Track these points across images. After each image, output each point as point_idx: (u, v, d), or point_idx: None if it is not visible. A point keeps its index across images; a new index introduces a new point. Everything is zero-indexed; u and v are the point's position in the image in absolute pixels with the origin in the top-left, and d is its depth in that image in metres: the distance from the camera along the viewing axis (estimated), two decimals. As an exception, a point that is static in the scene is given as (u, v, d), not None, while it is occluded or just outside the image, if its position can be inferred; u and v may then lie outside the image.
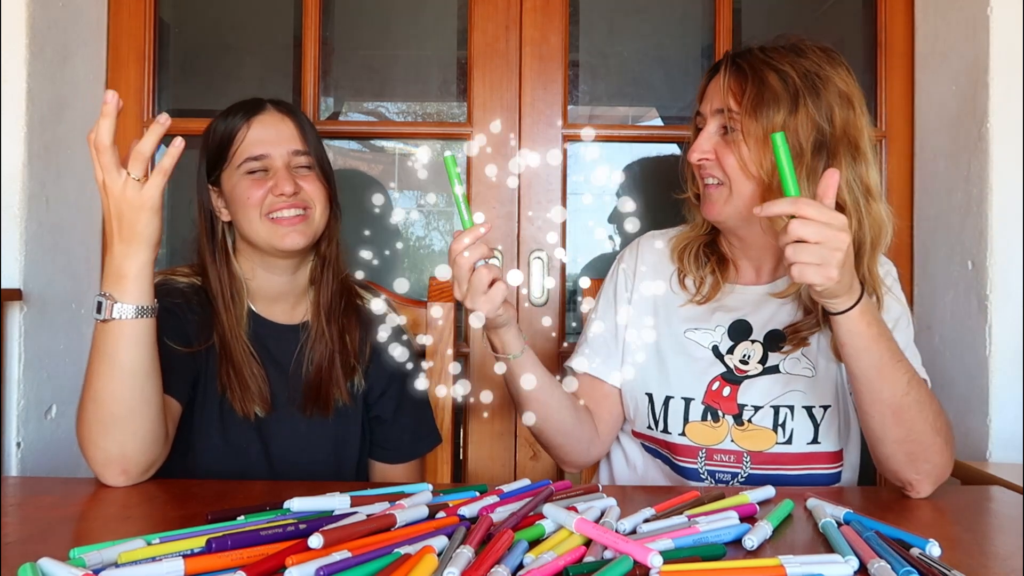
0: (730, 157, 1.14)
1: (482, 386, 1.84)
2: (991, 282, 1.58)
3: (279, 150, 1.20)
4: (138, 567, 0.68)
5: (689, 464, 1.19)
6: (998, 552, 0.82)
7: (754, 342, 1.21)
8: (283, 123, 1.22)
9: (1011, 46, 1.58)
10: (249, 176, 1.20)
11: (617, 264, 1.34)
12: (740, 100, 1.13)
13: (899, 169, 1.88)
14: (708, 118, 1.18)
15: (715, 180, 1.17)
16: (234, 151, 1.20)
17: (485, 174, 1.86)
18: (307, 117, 1.27)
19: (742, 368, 1.20)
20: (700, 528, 0.79)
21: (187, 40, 2.02)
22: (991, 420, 1.57)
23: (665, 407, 1.21)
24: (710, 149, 1.16)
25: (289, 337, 1.27)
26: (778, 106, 1.11)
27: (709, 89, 1.20)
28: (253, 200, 1.18)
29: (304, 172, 1.22)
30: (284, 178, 1.18)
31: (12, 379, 1.56)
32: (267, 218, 1.19)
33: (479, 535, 0.74)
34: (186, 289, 1.22)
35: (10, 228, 1.56)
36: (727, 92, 1.15)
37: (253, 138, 1.20)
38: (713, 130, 1.17)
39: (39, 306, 1.61)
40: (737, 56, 1.17)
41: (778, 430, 1.17)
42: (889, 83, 1.88)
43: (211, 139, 1.23)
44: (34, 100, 1.60)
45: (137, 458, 1.01)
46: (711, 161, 1.17)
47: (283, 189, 1.17)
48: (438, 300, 1.49)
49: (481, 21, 1.87)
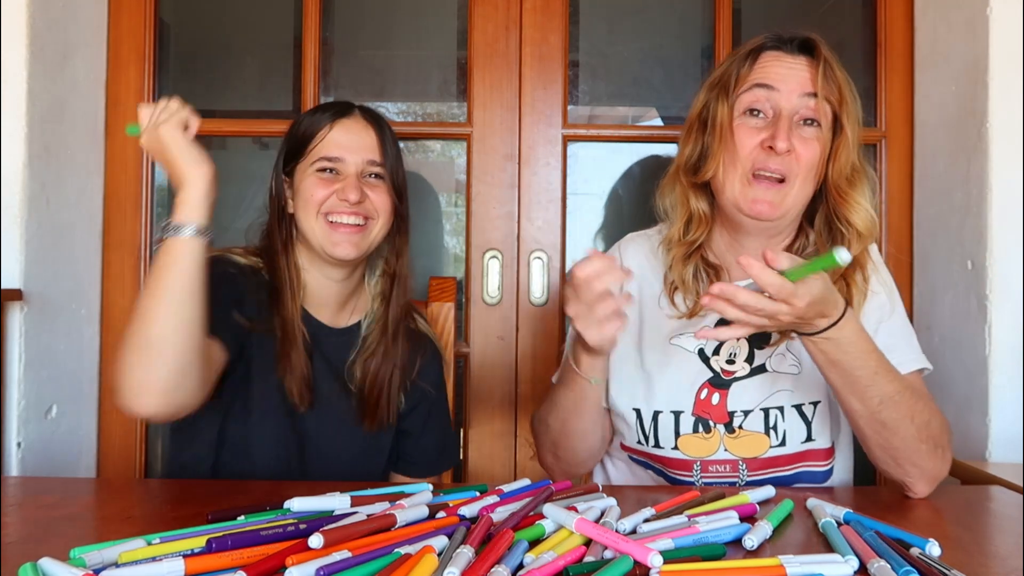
0: (810, 152, 1.07)
1: (482, 386, 1.84)
2: (991, 282, 1.58)
3: (355, 157, 1.20)
4: (138, 567, 0.68)
5: (685, 477, 1.16)
6: (998, 552, 0.82)
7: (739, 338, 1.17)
8: (366, 131, 1.22)
9: (1011, 46, 1.59)
10: (319, 174, 1.20)
11: None
12: (833, 95, 1.09)
13: (899, 169, 1.88)
14: (789, 99, 1.08)
15: (780, 176, 1.09)
16: (312, 148, 1.21)
17: (485, 174, 1.86)
18: (392, 131, 1.26)
19: (729, 370, 1.17)
20: (700, 528, 0.79)
21: (187, 40, 2.02)
22: (991, 420, 1.57)
23: (655, 422, 1.16)
24: (794, 142, 1.07)
25: (334, 339, 1.27)
26: (855, 107, 1.11)
27: (784, 66, 1.10)
28: (316, 198, 1.19)
29: (375, 182, 1.22)
30: (352, 185, 1.18)
31: (12, 379, 1.56)
32: (325, 219, 1.19)
33: (479, 535, 0.74)
34: (245, 267, 1.22)
35: (10, 228, 1.56)
36: (831, 83, 1.09)
37: (333, 140, 1.20)
38: (796, 114, 1.09)
39: (39, 306, 1.61)
40: (816, 45, 1.11)
41: (770, 433, 1.14)
42: (889, 83, 1.88)
43: (294, 132, 1.24)
44: (34, 100, 1.60)
45: (169, 388, 0.97)
46: (790, 156, 1.08)
47: (348, 195, 1.17)
48: (438, 300, 1.49)
49: (481, 21, 1.87)
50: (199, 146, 1.02)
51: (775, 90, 1.09)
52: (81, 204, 1.77)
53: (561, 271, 1.87)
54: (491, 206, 1.86)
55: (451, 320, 1.48)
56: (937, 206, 1.77)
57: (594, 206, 1.96)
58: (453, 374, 1.49)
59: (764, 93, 1.10)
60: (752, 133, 1.09)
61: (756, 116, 1.10)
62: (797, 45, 1.12)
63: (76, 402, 1.41)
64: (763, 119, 1.10)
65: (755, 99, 1.10)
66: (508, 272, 1.86)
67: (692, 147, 1.17)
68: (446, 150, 2.04)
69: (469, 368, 1.85)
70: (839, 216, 1.13)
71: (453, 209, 2.01)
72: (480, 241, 1.86)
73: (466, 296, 1.87)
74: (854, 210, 1.11)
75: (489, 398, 1.84)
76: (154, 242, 1.03)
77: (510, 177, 1.87)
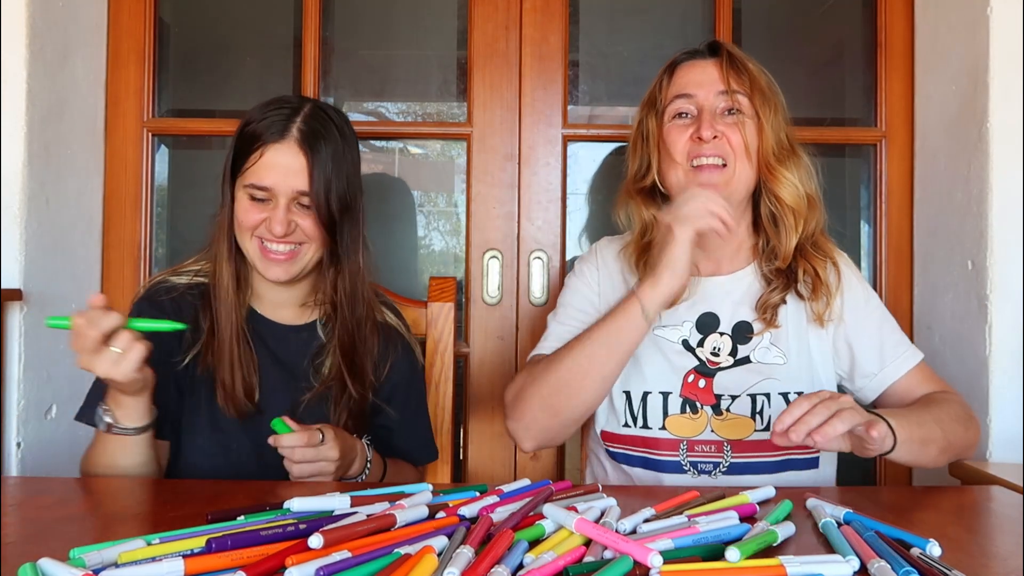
0: (737, 136, 1.21)
1: (482, 386, 1.84)
2: (991, 282, 1.58)
3: (284, 186, 1.17)
4: (138, 567, 0.68)
5: (671, 457, 1.22)
6: (998, 552, 0.82)
7: (723, 335, 1.25)
8: (296, 159, 1.17)
9: (1011, 46, 1.58)
10: (251, 199, 1.18)
11: (581, 265, 1.36)
12: (745, 86, 1.22)
13: (899, 169, 1.88)
14: (707, 99, 1.22)
15: (719, 160, 1.20)
16: (246, 168, 1.18)
17: (485, 174, 1.86)
18: (333, 148, 1.20)
19: (714, 360, 1.24)
20: (700, 528, 0.79)
21: (187, 40, 2.01)
22: (991, 420, 1.57)
23: (643, 403, 1.23)
24: (721, 128, 1.21)
25: (291, 338, 1.27)
26: (771, 96, 1.23)
27: (697, 73, 1.25)
28: (248, 223, 1.19)
29: (304, 211, 1.19)
30: (279, 218, 1.16)
31: (12, 379, 1.56)
32: (259, 242, 1.19)
33: (479, 535, 0.74)
34: (181, 288, 1.24)
35: (10, 228, 1.56)
36: (731, 76, 1.21)
37: (264, 166, 1.17)
38: (718, 110, 1.22)
39: (39, 306, 1.61)
40: (720, 46, 1.26)
41: (756, 418, 1.21)
42: (889, 83, 1.88)
43: (240, 138, 1.21)
44: (34, 100, 1.60)
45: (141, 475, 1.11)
46: (721, 141, 1.20)
47: (274, 227, 1.17)
48: (438, 300, 1.49)
49: (481, 21, 1.87)
50: (138, 357, 1.01)
51: (693, 96, 1.24)
52: (81, 204, 1.77)
53: (561, 271, 1.87)
54: (491, 206, 1.86)
55: (451, 320, 1.48)
56: (937, 206, 1.77)
57: (594, 206, 1.96)
58: (453, 374, 1.49)
59: (684, 101, 1.24)
60: (682, 131, 1.23)
61: (683, 118, 1.24)
62: (706, 50, 1.27)
63: (76, 402, 1.39)
64: (689, 119, 1.24)
65: (678, 108, 1.25)
66: (508, 272, 1.86)
67: (637, 162, 1.31)
68: (446, 150, 2.04)
69: (469, 368, 1.85)
70: (772, 195, 1.24)
71: (453, 209, 2.01)
72: (480, 241, 1.86)
73: (466, 296, 1.86)
74: (781, 184, 1.22)
75: (489, 398, 1.84)
76: (96, 421, 1.12)
77: (510, 177, 1.87)
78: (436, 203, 2.04)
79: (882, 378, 1.26)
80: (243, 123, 1.22)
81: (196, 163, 2.04)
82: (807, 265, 1.26)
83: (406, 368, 1.34)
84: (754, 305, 1.26)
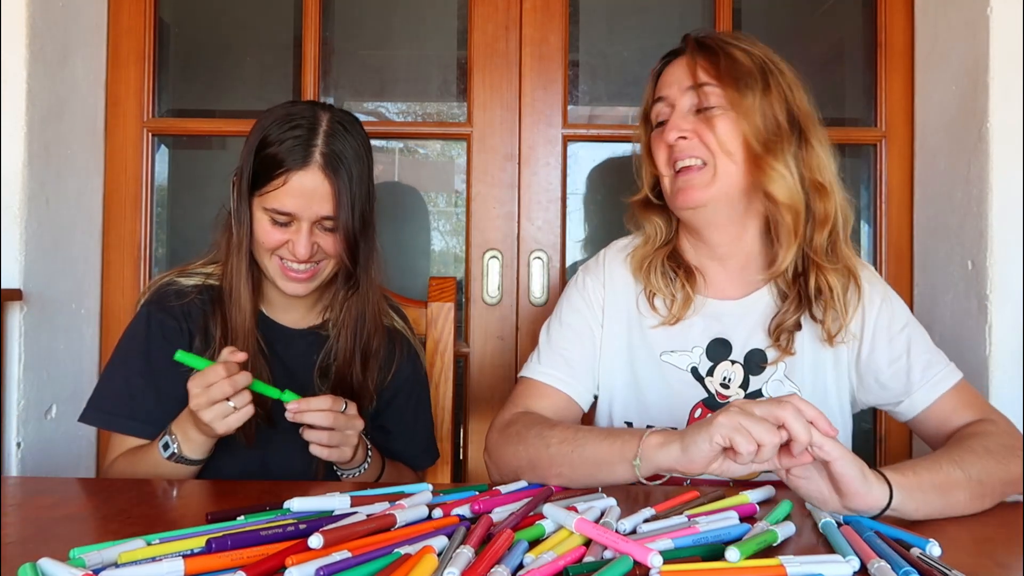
0: (710, 134, 1.11)
1: (482, 386, 1.84)
2: (991, 282, 1.58)
3: (308, 212, 1.16)
4: (138, 567, 0.68)
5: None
6: (998, 552, 0.82)
7: (734, 363, 1.17)
8: (321, 185, 1.15)
9: (1011, 46, 1.58)
10: (272, 222, 1.17)
11: (585, 277, 1.26)
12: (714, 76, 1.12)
13: (899, 169, 1.88)
14: (677, 99, 1.15)
15: (697, 161, 1.13)
16: (268, 191, 1.16)
17: (485, 174, 1.86)
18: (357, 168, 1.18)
19: (723, 393, 1.16)
20: (700, 528, 0.79)
21: (187, 40, 2.01)
22: (991, 420, 1.57)
23: None
24: (689, 127, 1.13)
25: (298, 341, 1.27)
26: (754, 79, 1.12)
27: (670, 73, 1.18)
28: (269, 243, 1.18)
29: (326, 231, 1.19)
30: (303, 244, 1.16)
31: (12, 379, 1.56)
32: (279, 260, 1.19)
33: (479, 535, 0.74)
34: (190, 291, 1.24)
35: (10, 228, 1.56)
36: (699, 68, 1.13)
37: (287, 192, 1.15)
38: (687, 108, 1.14)
39: (39, 306, 1.61)
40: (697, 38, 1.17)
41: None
42: (889, 83, 1.88)
43: (258, 155, 1.17)
44: (34, 100, 1.60)
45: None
46: (692, 140, 1.13)
47: (298, 253, 1.16)
48: (438, 300, 1.49)
49: (481, 21, 1.87)
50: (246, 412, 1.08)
51: (666, 98, 1.17)
52: (81, 204, 1.77)
53: (561, 271, 1.87)
54: (491, 206, 1.86)
55: (451, 320, 1.48)
56: (937, 206, 1.77)
57: (593, 205, 1.96)
58: (453, 374, 1.49)
59: (661, 105, 1.18)
60: (660, 139, 1.18)
61: (663, 125, 1.17)
62: (682, 46, 1.19)
63: (76, 402, 1.40)
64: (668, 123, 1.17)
65: (657, 113, 1.19)
66: (508, 272, 1.86)
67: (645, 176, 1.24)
68: (446, 150, 2.04)
69: (469, 368, 1.85)
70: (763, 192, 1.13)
71: (453, 209, 2.01)
72: (480, 241, 1.86)
73: (466, 296, 1.87)
74: (772, 180, 1.11)
75: (489, 398, 1.84)
76: (162, 448, 1.15)
77: (510, 177, 1.87)
78: (436, 203, 2.04)
79: (910, 405, 1.15)
80: (259, 139, 1.18)
81: (196, 163, 2.04)
82: (821, 278, 1.14)
83: (410, 372, 1.34)
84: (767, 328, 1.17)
